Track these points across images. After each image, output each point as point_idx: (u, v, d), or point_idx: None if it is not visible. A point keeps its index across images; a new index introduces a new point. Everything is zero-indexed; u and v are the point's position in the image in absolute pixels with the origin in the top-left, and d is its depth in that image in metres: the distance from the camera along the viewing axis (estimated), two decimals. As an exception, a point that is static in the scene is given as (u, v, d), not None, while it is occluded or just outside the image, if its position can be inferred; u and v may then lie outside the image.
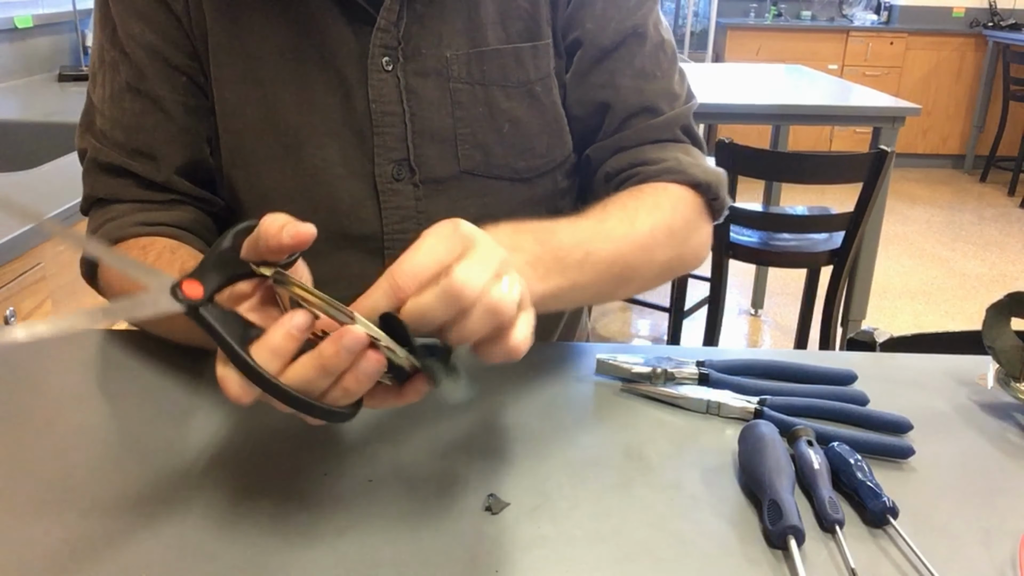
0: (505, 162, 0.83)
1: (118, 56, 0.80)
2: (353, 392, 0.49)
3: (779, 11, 6.32)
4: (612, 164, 0.86)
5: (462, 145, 0.82)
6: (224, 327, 0.48)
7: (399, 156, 0.81)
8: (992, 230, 4.88)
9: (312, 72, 0.79)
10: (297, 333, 0.48)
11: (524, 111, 0.83)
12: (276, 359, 0.48)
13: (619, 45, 0.84)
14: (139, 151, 0.81)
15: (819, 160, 2.45)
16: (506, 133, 0.83)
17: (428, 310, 0.48)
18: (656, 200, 0.80)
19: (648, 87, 0.85)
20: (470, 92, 0.81)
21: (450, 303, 0.48)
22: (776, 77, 3.50)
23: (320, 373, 0.48)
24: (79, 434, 0.66)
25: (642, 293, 0.89)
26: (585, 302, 0.75)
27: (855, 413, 0.71)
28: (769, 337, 3.44)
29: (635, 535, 0.56)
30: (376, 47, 0.78)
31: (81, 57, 2.88)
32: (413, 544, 0.54)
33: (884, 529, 0.58)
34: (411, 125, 0.80)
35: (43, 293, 1.45)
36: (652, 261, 0.77)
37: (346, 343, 0.47)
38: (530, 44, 0.82)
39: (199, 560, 0.52)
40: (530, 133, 0.84)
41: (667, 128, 0.86)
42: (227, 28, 0.78)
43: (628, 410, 0.72)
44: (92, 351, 0.80)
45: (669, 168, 0.83)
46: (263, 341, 0.48)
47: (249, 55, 0.79)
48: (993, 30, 5.97)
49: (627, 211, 0.76)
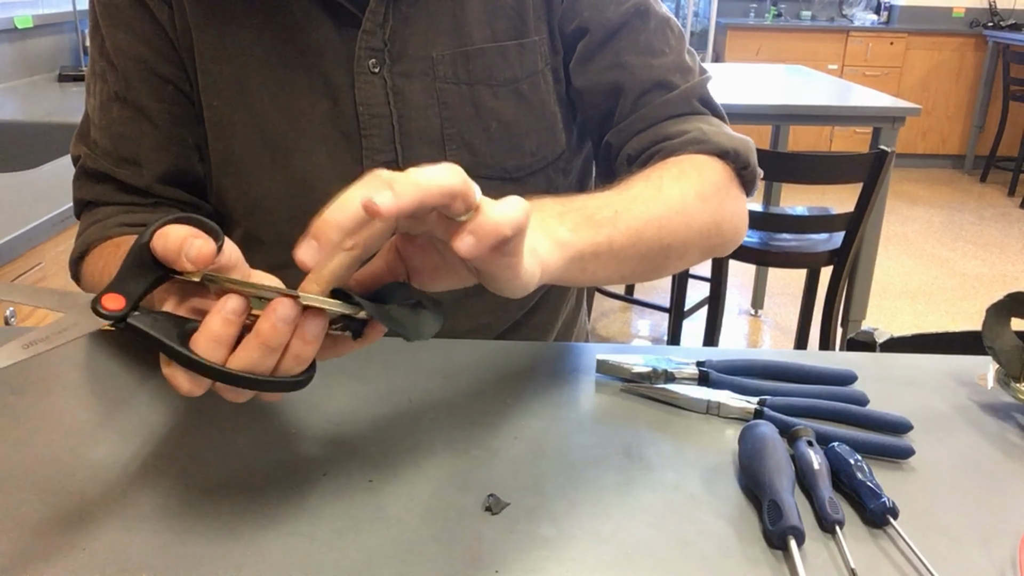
0: (494, 162, 0.83)
1: (106, 66, 0.81)
2: (305, 357, 0.49)
3: (779, 11, 6.32)
4: (633, 146, 0.82)
5: (449, 145, 0.82)
6: (157, 329, 0.48)
7: (387, 158, 0.81)
8: (992, 230, 4.88)
9: (298, 77, 0.79)
10: (234, 318, 0.47)
11: (512, 110, 0.82)
12: (218, 347, 0.47)
13: (622, 26, 0.82)
14: (125, 159, 0.82)
15: (819, 160, 2.45)
16: (493, 132, 0.82)
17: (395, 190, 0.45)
18: (681, 169, 0.75)
19: (658, 62, 0.83)
20: (456, 92, 0.81)
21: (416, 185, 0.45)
22: (776, 77, 3.50)
23: (264, 351, 0.47)
24: (79, 434, 0.66)
25: (683, 267, 0.81)
26: (625, 270, 0.69)
27: (855, 413, 0.71)
28: (769, 337, 3.44)
29: (635, 535, 0.56)
30: (362, 49, 0.78)
31: (81, 57, 2.88)
32: (413, 544, 0.54)
33: (884, 529, 0.58)
34: (399, 127, 0.80)
35: (43, 293, 1.45)
36: (688, 226, 0.72)
37: (280, 314, 0.47)
38: (516, 42, 0.82)
39: (199, 560, 0.52)
40: (518, 132, 0.83)
41: (684, 102, 0.83)
42: (212, 36, 0.79)
43: (628, 410, 0.72)
44: (92, 351, 0.80)
45: (693, 139, 0.79)
46: (201, 332, 0.47)
47: (235, 63, 0.79)
48: (993, 30, 5.97)
49: (651, 180, 0.72)
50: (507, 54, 0.82)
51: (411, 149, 0.81)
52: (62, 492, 0.59)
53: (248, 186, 0.82)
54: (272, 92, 0.79)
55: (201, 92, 0.80)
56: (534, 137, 0.84)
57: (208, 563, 0.52)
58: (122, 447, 0.64)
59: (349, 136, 0.80)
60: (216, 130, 0.81)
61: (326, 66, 0.79)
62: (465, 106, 0.81)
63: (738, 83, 3.24)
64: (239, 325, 0.48)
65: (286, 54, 0.79)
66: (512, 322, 0.93)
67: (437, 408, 0.71)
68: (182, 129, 0.82)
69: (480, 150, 0.82)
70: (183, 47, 0.80)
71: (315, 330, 0.48)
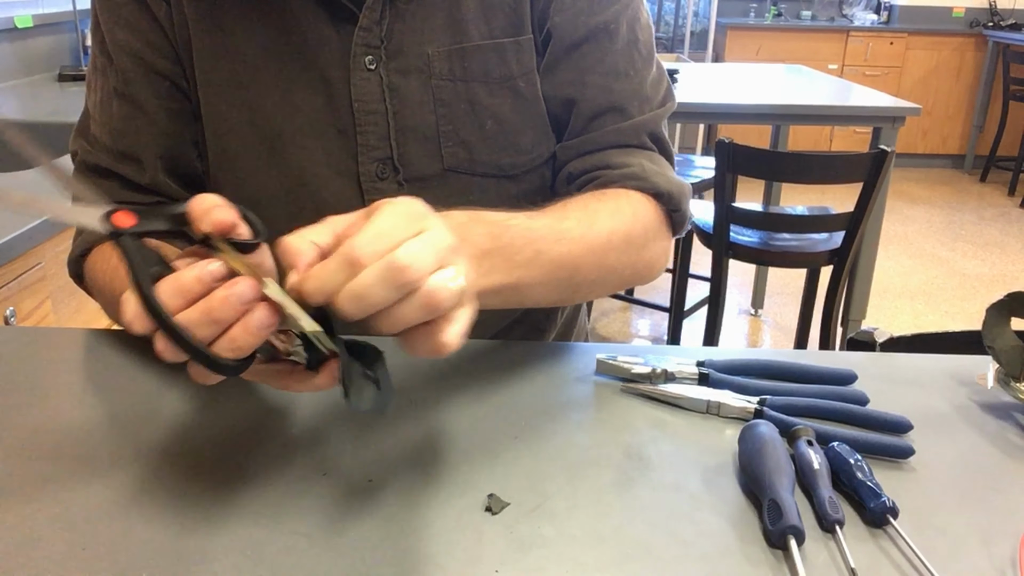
0: (489, 159, 0.83)
1: (106, 62, 0.82)
2: (239, 346, 0.47)
3: (779, 11, 6.32)
4: (576, 165, 0.84)
5: (445, 143, 0.82)
6: (140, 257, 0.47)
7: (383, 155, 0.81)
8: (992, 230, 4.88)
9: (295, 73, 0.79)
10: (207, 278, 0.47)
11: (507, 107, 0.82)
12: (178, 298, 0.47)
13: (587, 40, 0.82)
14: (124, 154, 0.82)
15: (819, 160, 2.45)
16: (489, 130, 0.82)
17: (366, 288, 0.45)
18: (618, 204, 0.78)
19: (617, 86, 0.83)
20: (452, 89, 0.81)
21: (389, 283, 0.45)
22: (776, 77, 3.50)
23: (205, 318, 0.46)
24: (78, 434, 0.66)
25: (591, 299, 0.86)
26: (528, 303, 0.73)
27: (855, 413, 0.71)
28: (769, 337, 3.44)
29: (635, 535, 0.56)
30: (358, 46, 0.78)
31: (81, 57, 2.88)
32: (413, 544, 0.54)
33: (884, 529, 0.58)
34: (394, 123, 0.80)
35: (43, 293, 1.45)
36: (603, 266, 0.75)
37: (236, 291, 0.46)
38: (512, 39, 0.81)
39: (199, 560, 0.52)
40: (514, 129, 0.83)
41: (634, 133, 0.84)
42: (209, 32, 0.79)
43: (628, 410, 0.72)
44: (92, 351, 0.80)
45: (632, 174, 0.81)
46: (172, 278, 0.47)
47: (232, 59, 0.79)
48: (993, 30, 5.97)
49: (587, 212, 0.75)
50: (503, 52, 0.81)
51: (406, 145, 0.81)
52: (62, 492, 0.59)
53: (244, 182, 0.82)
54: (268, 88, 0.80)
55: (198, 88, 0.81)
56: (529, 135, 0.84)
57: (207, 563, 0.52)
58: (122, 447, 0.64)
59: (344, 132, 0.80)
60: (213, 126, 0.81)
61: (322, 62, 0.79)
62: (461, 103, 0.81)
63: (738, 83, 3.24)
64: (208, 287, 0.47)
65: (282, 50, 0.79)
66: (511, 320, 0.93)
67: (437, 408, 0.71)
68: (180, 125, 0.82)
69: (476, 147, 0.82)
70: (180, 43, 0.80)
71: (260, 321, 0.47)
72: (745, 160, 2.34)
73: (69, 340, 0.82)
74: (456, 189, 0.83)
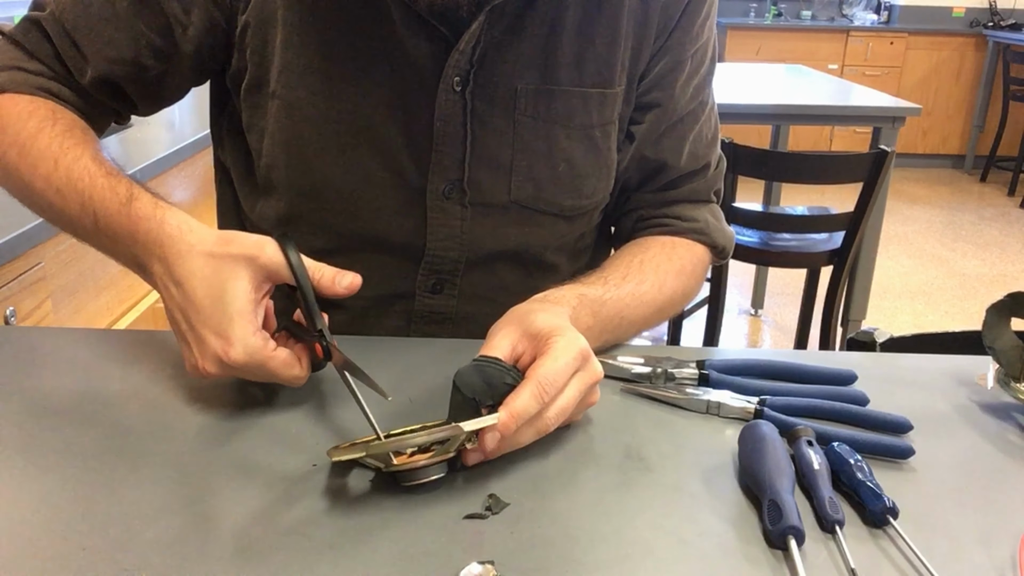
0: (554, 199, 0.86)
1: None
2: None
3: (779, 11, 6.32)
4: (650, 212, 0.93)
5: (516, 176, 0.83)
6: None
7: (454, 176, 0.82)
8: (992, 230, 4.88)
9: (381, 78, 0.80)
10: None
11: (581, 153, 0.85)
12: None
13: (691, 112, 0.90)
14: (74, 42, 0.80)
15: (819, 160, 2.45)
16: (560, 172, 0.84)
17: (525, 409, 0.60)
18: (683, 264, 0.89)
19: (702, 151, 0.93)
20: (533, 127, 0.82)
21: (541, 405, 0.61)
22: (776, 77, 3.50)
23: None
24: (78, 434, 0.66)
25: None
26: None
27: (855, 413, 0.71)
28: (769, 337, 3.44)
29: (635, 535, 0.56)
30: (451, 67, 0.79)
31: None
32: (413, 544, 0.54)
33: (884, 529, 0.58)
34: (471, 149, 0.82)
35: (43, 293, 1.45)
36: (662, 317, 0.88)
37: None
38: (599, 91, 0.84)
39: (198, 560, 0.52)
40: (582, 174, 0.86)
41: (706, 191, 0.95)
42: (302, 15, 0.78)
43: (628, 410, 0.72)
44: (92, 351, 0.80)
45: (699, 229, 0.92)
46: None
47: (321, 48, 0.79)
48: (993, 30, 5.97)
49: (659, 274, 0.85)
50: (588, 100, 0.83)
51: (478, 171, 0.82)
52: (61, 492, 0.59)
53: (308, 168, 0.82)
54: (353, 86, 0.80)
55: (280, 71, 0.80)
56: (593, 181, 0.87)
57: (207, 563, 0.52)
58: (122, 447, 0.64)
59: (420, 146, 0.81)
60: (288, 109, 0.81)
61: (411, 74, 0.79)
62: (539, 142, 0.83)
63: (738, 83, 3.24)
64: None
65: (374, 53, 0.79)
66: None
67: (437, 408, 0.70)
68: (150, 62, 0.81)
69: (544, 186, 0.84)
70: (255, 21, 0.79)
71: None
72: (745, 160, 2.34)
73: (69, 340, 0.82)
74: (515, 220, 0.85)
